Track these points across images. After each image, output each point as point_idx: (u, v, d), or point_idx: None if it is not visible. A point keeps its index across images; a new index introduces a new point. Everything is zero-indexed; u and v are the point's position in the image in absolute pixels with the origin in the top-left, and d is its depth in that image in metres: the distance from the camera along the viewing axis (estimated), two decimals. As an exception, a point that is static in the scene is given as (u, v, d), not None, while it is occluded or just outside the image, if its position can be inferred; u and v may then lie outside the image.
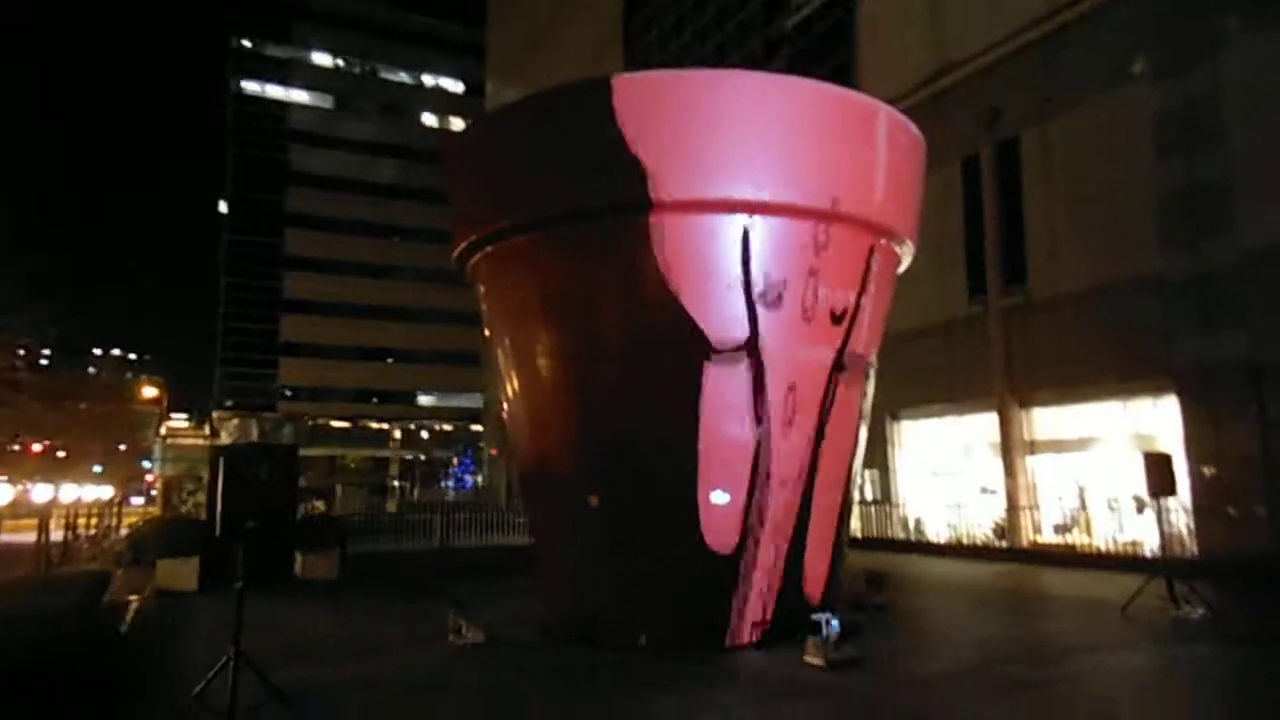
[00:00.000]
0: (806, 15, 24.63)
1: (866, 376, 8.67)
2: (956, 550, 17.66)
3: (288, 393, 66.27)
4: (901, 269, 9.25)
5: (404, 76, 78.11)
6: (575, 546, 8.15)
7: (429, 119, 77.19)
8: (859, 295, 8.25)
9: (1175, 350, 13.93)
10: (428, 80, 78.71)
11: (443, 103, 77.80)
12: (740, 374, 7.64)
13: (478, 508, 19.65)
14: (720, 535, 7.59)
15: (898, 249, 8.77)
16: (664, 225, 7.50)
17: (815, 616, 6.99)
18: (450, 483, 41.63)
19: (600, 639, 7.78)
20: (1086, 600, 10.42)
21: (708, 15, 30.68)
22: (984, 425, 17.97)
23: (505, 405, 9.16)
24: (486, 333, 9.42)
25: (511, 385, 8.82)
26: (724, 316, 7.61)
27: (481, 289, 9.26)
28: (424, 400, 67.49)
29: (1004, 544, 16.97)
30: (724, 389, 7.63)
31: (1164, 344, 14.09)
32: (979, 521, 18.23)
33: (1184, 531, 14.35)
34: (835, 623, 6.82)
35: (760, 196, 7.46)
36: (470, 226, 8.87)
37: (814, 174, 7.62)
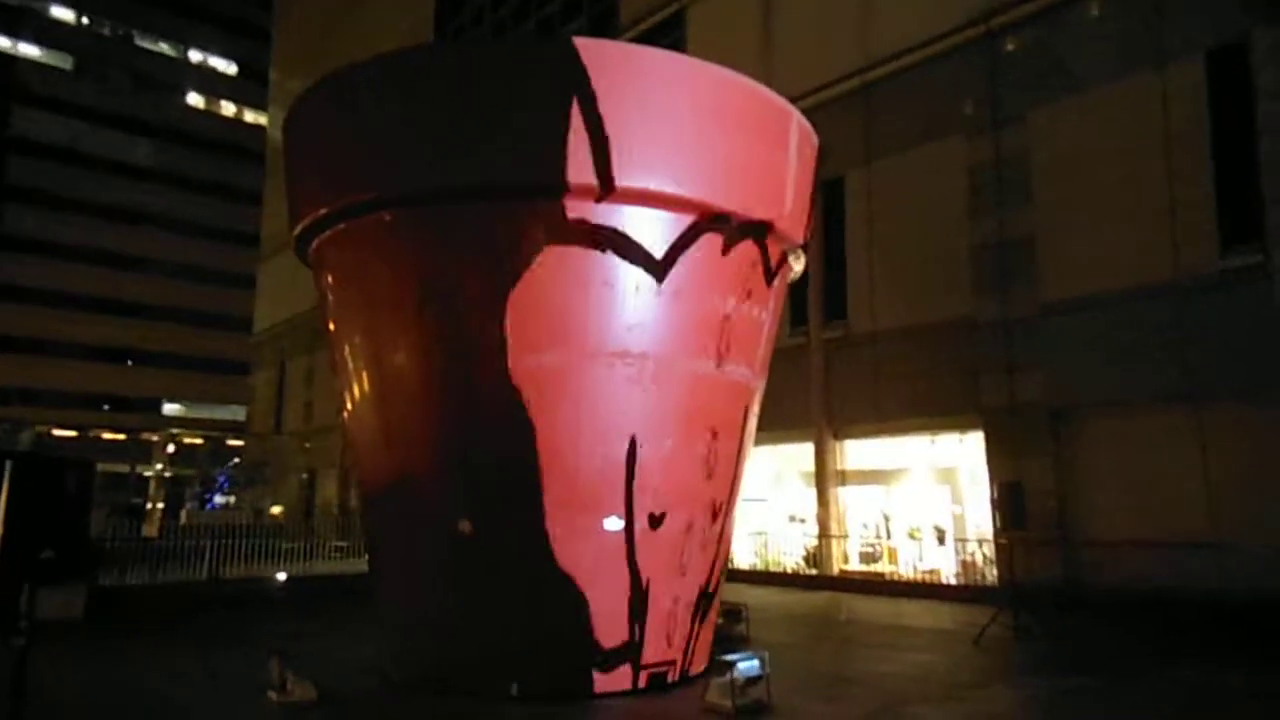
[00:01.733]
0: (633, 38, 24.58)
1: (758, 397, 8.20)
2: (765, 578, 17.82)
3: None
4: (791, 279, 8.91)
5: (165, 48, 69.98)
6: (436, 580, 6.90)
7: (193, 99, 69.62)
8: (769, 311, 7.77)
9: (982, 389, 14.89)
10: (194, 56, 71.09)
11: (211, 83, 70.54)
12: (640, 384, 6.84)
13: (263, 531, 17.18)
14: (612, 565, 6.71)
15: (794, 262, 8.43)
16: (598, 214, 6.55)
17: (728, 657, 6.29)
18: (201, 504, 36.80)
19: (462, 688, 6.62)
20: (927, 630, 10.57)
21: (528, 26, 29.90)
22: (796, 454, 18.35)
23: (349, 411, 7.70)
24: (331, 326, 7.89)
25: (360, 388, 7.40)
26: (633, 321, 6.78)
27: (327, 276, 7.73)
28: (170, 409, 59.95)
29: (814, 571, 17.32)
30: (621, 403, 6.80)
31: (972, 383, 15.03)
32: (786, 549, 18.55)
33: (980, 560, 15.32)
34: (755, 663, 6.16)
35: (703, 197, 6.76)
36: (320, 198, 7.36)
37: (747, 177, 7.05)
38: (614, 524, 6.69)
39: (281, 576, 15.81)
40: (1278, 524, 11.41)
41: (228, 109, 69.33)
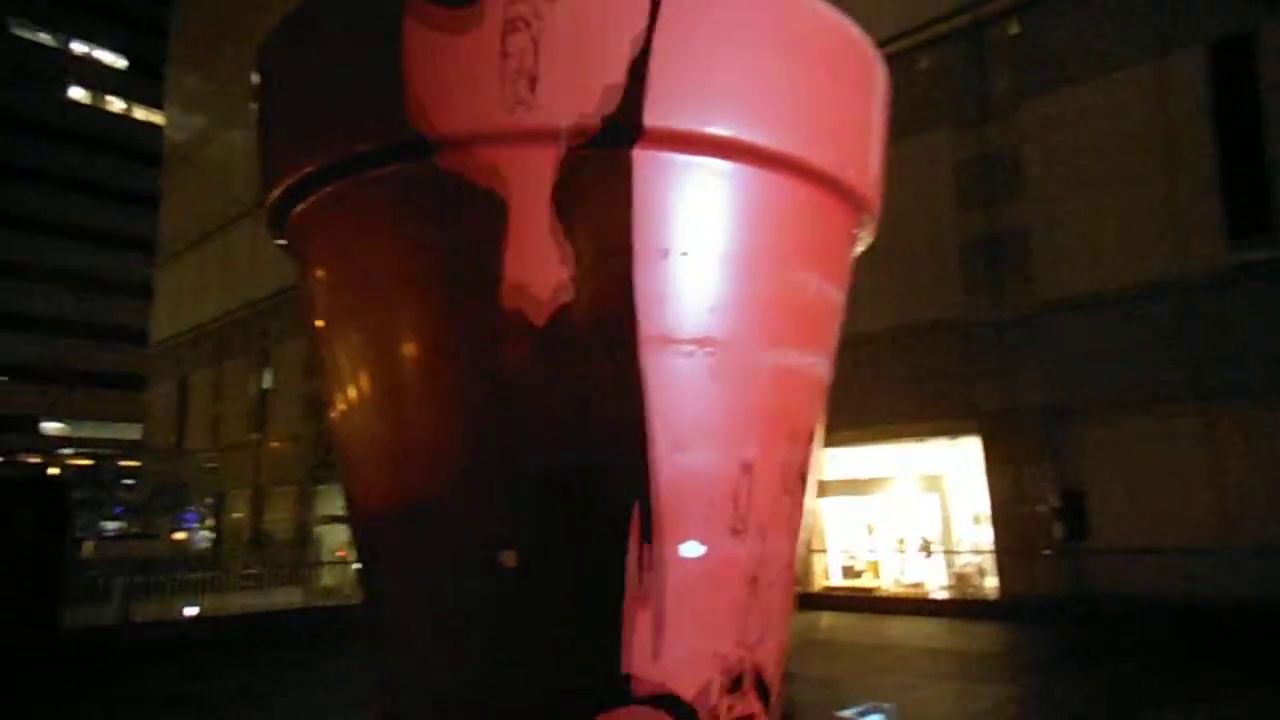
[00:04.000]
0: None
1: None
2: (741, 597, 16.71)
3: None
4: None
5: (45, 38, 64.81)
6: (466, 629, 5.43)
7: (76, 93, 64.63)
8: (844, 294, 6.60)
9: (977, 392, 14.19)
10: (78, 48, 66.05)
11: (98, 77, 65.69)
12: (709, 376, 5.56)
13: (185, 564, 15.06)
14: (690, 603, 5.39)
15: (864, 239, 7.30)
16: (651, 162, 5.25)
17: (845, 712, 5.05)
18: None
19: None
20: (969, 654, 9.61)
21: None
22: (771, 465, 17.34)
23: (340, 416, 6.14)
24: (315, 313, 6.27)
25: (358, 387, 5.84)
26: (700, 300, 5.50)
27: (311, 252, 6.08)
28: (51, 428, 54.87)
29: (795, 588, 16.29)
30: (688, 396, 5.50)
31: (965, 386, 14.32)
32: (760, 566, 17.49)
33: (973, 572, 14.58)
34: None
35: (785, 147, 5.51)
36: (304, 151, 5.72)
37: (835, 128, 5.85)
38: (693, 550, 5.37)
39: (191, 611, 13.82)
40: (1294, 527, 10.99)
41: (116, 105, 64.70)
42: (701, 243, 5.61)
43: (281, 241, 6.55)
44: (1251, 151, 12.16)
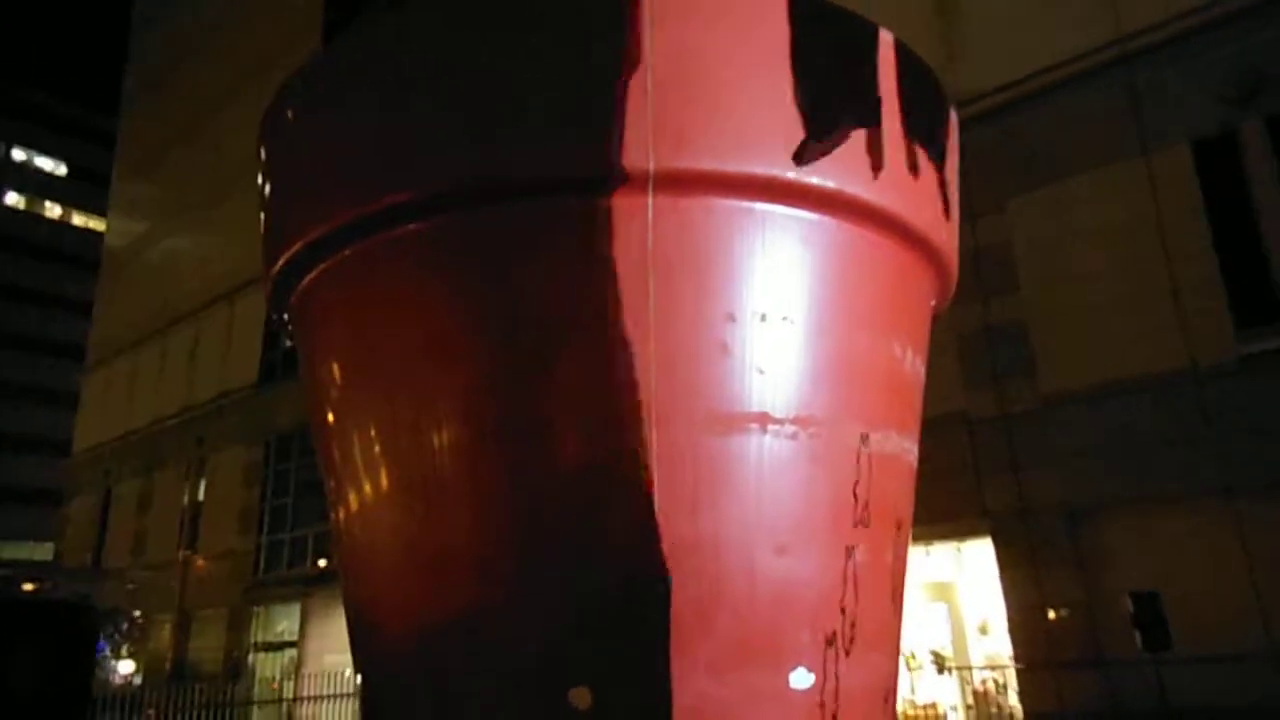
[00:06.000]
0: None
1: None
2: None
3: None
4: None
5: (-17, 146, 63.41)
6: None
7: (13, 199, 62.87)
8: (925, 369, 5.81)
9: (986, 492, 13.49)
10: (17, 155, 64.74)
11: (34, 183, 64.16)
12: (812, 463, 4.62)
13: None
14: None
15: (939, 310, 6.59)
16: (745, 214, 4.46)
17: None
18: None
19: None
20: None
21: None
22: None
23: (351, 519, 4.93)
24: (329, 409, 5.07)
25: (376, 485, 4.59)
26: (802, 366, 4.61)
27: (318, 331, 4.88)
28: (-51, 550, 50.24)
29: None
30: (791, 488, 4.53)
31: (973, 485, 13.61)
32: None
33: (993, 688, 13.51)
34: None
35: (881, 200, 4.79)
36: (309, 218, 4.51)
37: (928, 185, 5.18)
38: (803, 680, 4.26)
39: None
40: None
41: (53, 210, 62.99)
42: (803, 307, 4.13)
43: (283, 317, 4.81)
44: (1248, 243, 12.13)
